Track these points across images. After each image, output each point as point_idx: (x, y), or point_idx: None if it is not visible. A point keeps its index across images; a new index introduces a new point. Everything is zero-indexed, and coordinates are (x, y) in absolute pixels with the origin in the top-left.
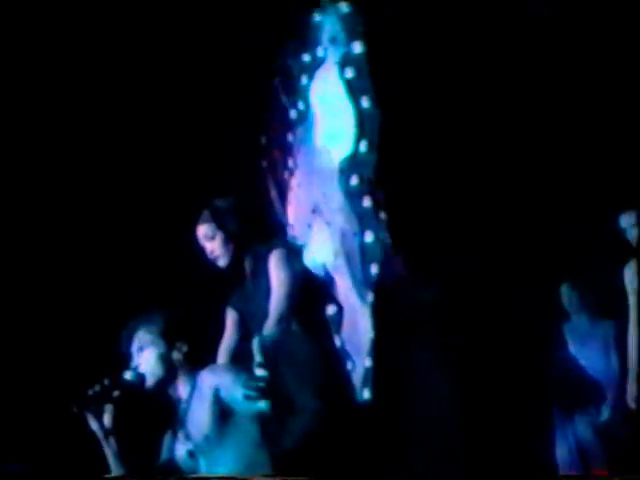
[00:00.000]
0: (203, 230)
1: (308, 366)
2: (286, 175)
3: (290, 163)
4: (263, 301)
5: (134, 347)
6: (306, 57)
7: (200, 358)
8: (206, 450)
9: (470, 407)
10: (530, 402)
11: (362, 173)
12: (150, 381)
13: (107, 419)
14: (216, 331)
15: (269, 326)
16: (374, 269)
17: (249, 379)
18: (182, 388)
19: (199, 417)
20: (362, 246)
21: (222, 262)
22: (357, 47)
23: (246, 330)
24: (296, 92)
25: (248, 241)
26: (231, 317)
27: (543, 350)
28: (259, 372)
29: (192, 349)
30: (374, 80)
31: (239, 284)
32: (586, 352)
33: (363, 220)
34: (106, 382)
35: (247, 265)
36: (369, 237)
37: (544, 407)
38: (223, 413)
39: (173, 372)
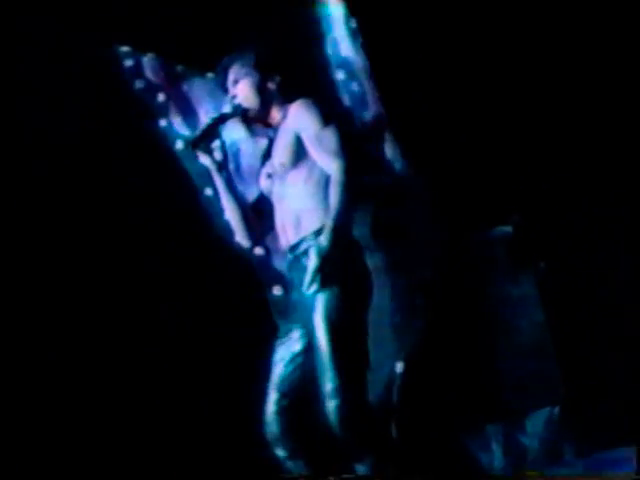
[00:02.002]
0: None
1: None
2: None
3: None
4: None
5: (229, 80)
6: None
7: (293, 89)
8: (279, 174)
9: (561, 338)
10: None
11: None
12: (248, 110)
13: (217, 154)
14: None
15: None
16: None
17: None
18: (275, 116)
19: (280, 143)
20: None
21: None
22: None
23: None
24: None
25: None
26: None
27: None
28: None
29: (285, 80)
30: None
31: None
32: None
33: None
34: (209, 120)
35: None
36: None
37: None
38: (298, 152)
39: (268, 102)
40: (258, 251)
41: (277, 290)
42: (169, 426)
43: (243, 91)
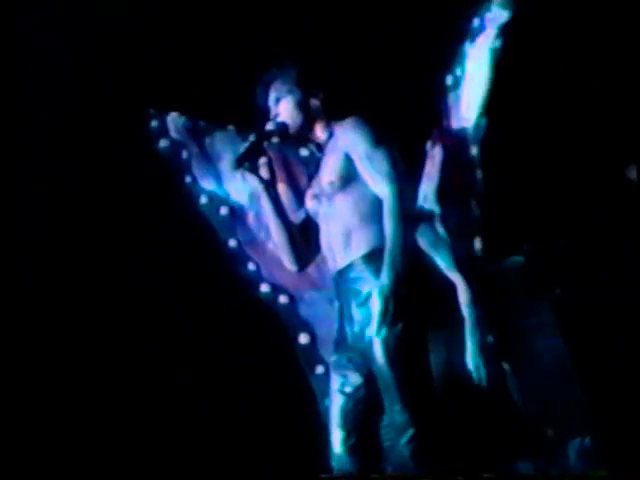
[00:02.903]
0: None
1: None
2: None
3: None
4: None
5: (271, 99)
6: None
7: (338, 105)
8: (328, 194)
9: (584, 366)
10: None
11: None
12: (291, 128)
13: (264, 171)
14: (352, 81)
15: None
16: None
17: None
18: (321, 134)
19: (329, 162)
20: None
21: None
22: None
23: None
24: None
25: None
26: None
27: None
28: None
29: (329, 96)
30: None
31: None
32: None
33: None
34: (252, 138)
35: None
36: None
37: None
38: (349, 171)
39: (312, 119)
40: (282, 299)
41: (303, 339)
42: None
43: (285, 109)
